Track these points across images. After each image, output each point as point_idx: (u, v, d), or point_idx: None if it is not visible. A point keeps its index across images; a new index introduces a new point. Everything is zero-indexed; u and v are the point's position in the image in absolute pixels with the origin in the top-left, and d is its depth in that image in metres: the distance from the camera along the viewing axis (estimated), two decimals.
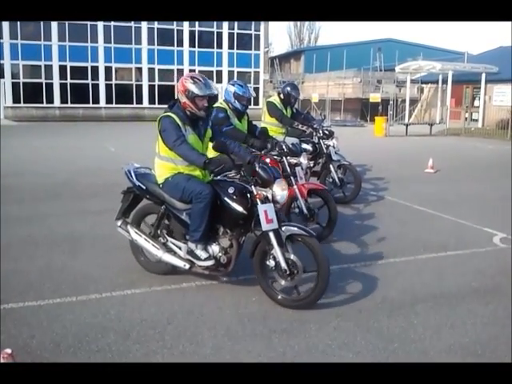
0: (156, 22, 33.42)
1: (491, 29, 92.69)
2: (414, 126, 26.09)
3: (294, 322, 4.10)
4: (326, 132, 8.51)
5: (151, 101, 34.35)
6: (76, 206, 8.10)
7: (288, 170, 6.31)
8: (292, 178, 6.29)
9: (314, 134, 8.51)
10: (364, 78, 37.54)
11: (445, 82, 30.43)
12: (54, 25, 31.65)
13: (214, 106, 6.79)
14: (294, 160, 6.40)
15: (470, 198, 9.27)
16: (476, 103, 30.74)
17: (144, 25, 33.64)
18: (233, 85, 6.70)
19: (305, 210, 6.20)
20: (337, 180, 8.36)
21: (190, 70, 34.97)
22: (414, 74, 32.93)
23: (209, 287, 4.82)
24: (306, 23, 63.18)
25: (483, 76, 28.94)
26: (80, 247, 5.99)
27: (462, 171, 12.80)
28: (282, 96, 8.56)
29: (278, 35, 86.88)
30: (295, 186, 6.24)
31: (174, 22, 33.85)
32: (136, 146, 17.69)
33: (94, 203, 8.34)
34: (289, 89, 8.54)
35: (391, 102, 30.25)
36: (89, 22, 31.76)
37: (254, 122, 7.11)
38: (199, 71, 35.02)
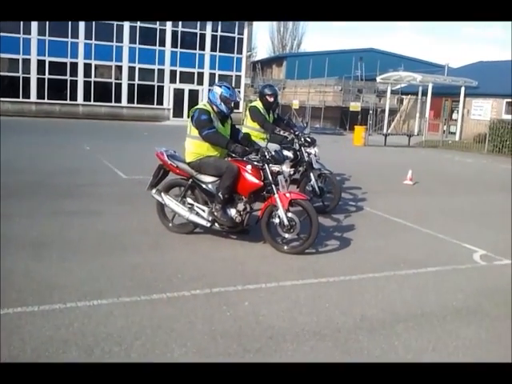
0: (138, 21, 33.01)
1: (472, 43, 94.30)
2: (393, 136, 26.16)
3: (269, 341, 3.87)
4: (308, 139, 8.35)
5: (130, 100, 33.68)
6: (46, 207, 7.75)
7: (270, 177, 6.09)
8: (273, 186, 6.08)
9: (296, 140, 8.35)
10: (345, 87, 37.73)
11: (424, 93, 30.67)
12: None
13: (197, 107, 6.54)
14: (276, 168, 6.16)
15: (449, 212, 9.19)
16: (454, 116, 31.01)
17: (126, 23, 33.15)
18: (220, 86, 6.42)
19: (285, 221, 5.97)
20: (317, 189, 8.19)
21: (172, 71, 34.70)
22: (394, 85, 33.17)
23: (180, 299, 4.57)
24: (289, 29, 63.35)
25: (462, 89, 29.22)
26: (46, 251, 5.67)
27: (440, 184, 12.75)
28: (263, 100, 8.43)
29: (261, 40, 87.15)
30: (276, 195, 6.03)
31: (157, 22, 33.45)
32: (112, 146, 17.36)
33: (65, 204, 8.02)
34: (265, 90, 8.47)
35: (371, 112, 30.32)
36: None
37: (237, 127, 6.91)
38: (180, 72, 34.79)
